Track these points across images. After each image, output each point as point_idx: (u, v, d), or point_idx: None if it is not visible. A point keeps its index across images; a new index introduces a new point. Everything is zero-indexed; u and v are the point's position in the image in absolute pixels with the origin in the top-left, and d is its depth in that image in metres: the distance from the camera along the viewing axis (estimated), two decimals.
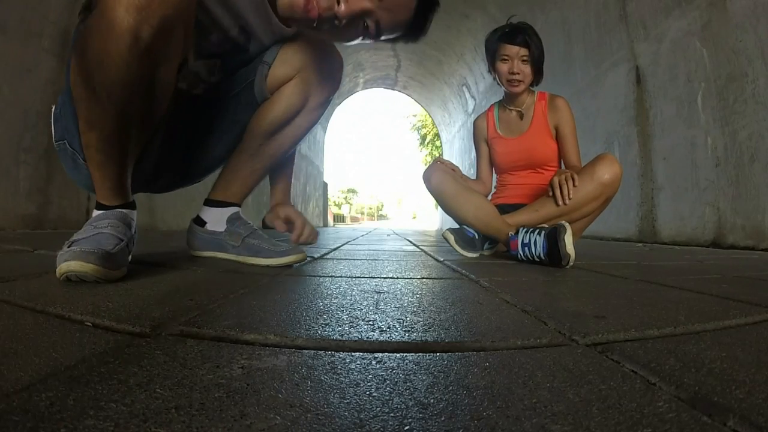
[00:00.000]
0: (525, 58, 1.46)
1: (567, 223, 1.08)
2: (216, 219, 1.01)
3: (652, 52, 2.78)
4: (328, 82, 0.98)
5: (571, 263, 1.05)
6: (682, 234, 2.51)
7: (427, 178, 1.44)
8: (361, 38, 0.83)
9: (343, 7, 0.74)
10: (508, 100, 1.61)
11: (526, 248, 1.15)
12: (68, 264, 0.59)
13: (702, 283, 0.83)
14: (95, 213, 0.73)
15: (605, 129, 3.30)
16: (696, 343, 0.40)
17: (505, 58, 1.47)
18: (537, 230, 1.14)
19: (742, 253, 1.87)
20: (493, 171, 1.74)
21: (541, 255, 1.10)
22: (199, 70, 0.90)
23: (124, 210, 0.73)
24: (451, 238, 1.34)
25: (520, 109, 1.59)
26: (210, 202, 1.03)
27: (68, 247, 0.63)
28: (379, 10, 0.77)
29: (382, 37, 0.85)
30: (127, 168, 0.72)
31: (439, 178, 1.40)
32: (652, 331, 0.44)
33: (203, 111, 0.98)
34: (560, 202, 1.28)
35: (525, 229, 1.18)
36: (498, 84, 1.58)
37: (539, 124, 1.57)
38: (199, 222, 1.03)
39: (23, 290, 0.56)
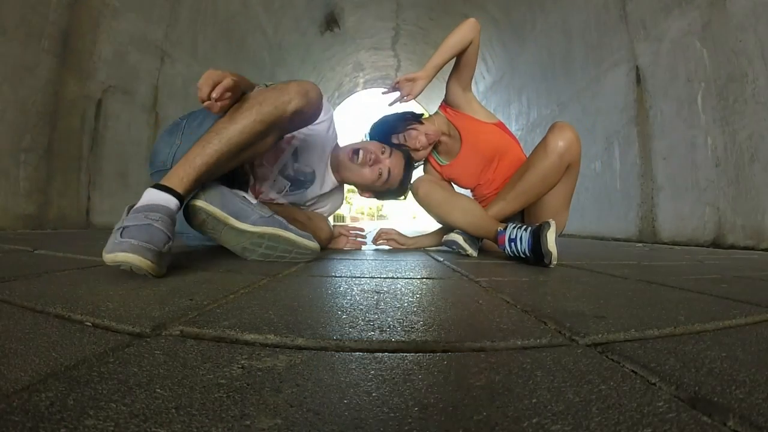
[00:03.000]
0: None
1: (553, 221, 1.08)
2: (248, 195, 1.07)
3: (652, 52, 2.78)
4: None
5: (554, 261, 1.04)
6: (682, 234, 2.50)
7: (415, 190, 1.45)
8: (377, 179, 1.40)
9: (386, 169, 1.41)
10: (438, 144, 1.63)
11: (513, 244, 1.15)
12: (126, 255, 0.64)
13: (702, 283, 0.83)
14: (150, 194, 0.76)
15: (605, 129, 3.30)
16: (696, 343, 0.40)
17: (409, 147, 1.55)
18: (523, 226, 1.15)
19: (742, 253, 1.87)
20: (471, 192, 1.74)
21: (526, 251, 1.11)
22: (277, 182, 1.34)
23: (173, 208, 0.78)
24: (460, 238, 1.35)
25: (446, 136, 1.61)
26: None
27: (120, 235, 0.66)
28: (388, 162, 1.42)
29: (388, 184, 1.44)
30: (211, 172, 0.88)
31: (426, 188, 1.42)
32: (652, 331, 0.44)
33: None
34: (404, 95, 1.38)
35: (513, 225, 1.19)
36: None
37: (463, 125, 1.57)
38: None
39: (23, 290, 0.56)
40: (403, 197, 1.58)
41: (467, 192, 1.73)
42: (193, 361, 0.33)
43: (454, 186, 1.71)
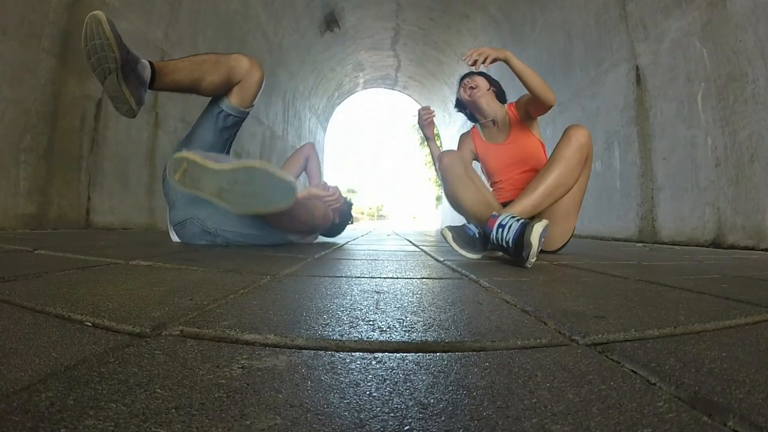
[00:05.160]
0: (475, 75, 1.77)
1: (546, 221, 1.08)
2: None
3: (652, 52, 2.78)
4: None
5: (532, 258, 1.02)
6: (682, 234, 2.51)
7: (441, 157, 1.53)
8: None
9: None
10: (482, 114, 1.77)
11: (501, 230, 1.13)
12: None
13: (702, 283, 0.83)
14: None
15: (605, 129, 3.30)
16: (696, 343, 0.40)
17: (461, 84, 1.80)
18: (517, 217, 1.15)
19: (742, 253, 1.87)
20: (488, 179, 1.84)
21: (510, 241, 1.09)
22: None
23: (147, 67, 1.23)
24: (449, 235, 1.32)
25: (493, 118, 1.75)
26: None
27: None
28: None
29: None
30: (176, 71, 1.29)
31: (450, 159, 1.48)
32: (652, 331, 0.44)
33: None
34: (471, 58, 1.39)
35: (509, 214, 1.18)
36: (467, 117, 1.87)
37: (517, 126, 1.72)
38: None
39: (23, 290, 0.56)
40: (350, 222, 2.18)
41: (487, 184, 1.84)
42: (193, 361, 0.33)
43: (478, 169, 1.84)
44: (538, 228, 1.02)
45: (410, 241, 2.51)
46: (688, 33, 2.45)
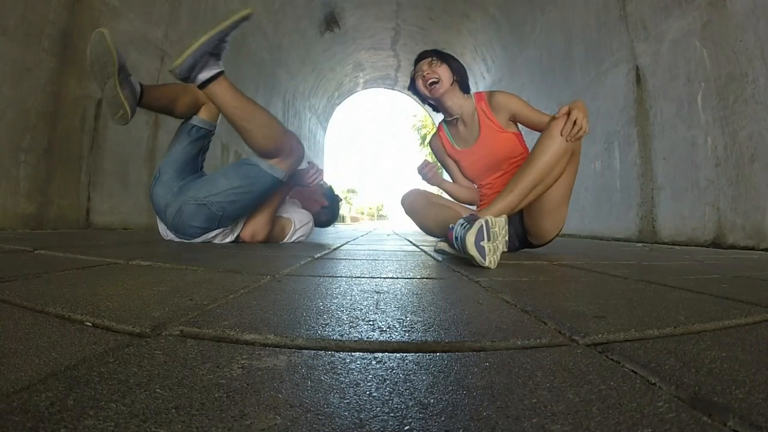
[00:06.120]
0: (435, 62, 1.56)
1: (481, 222, 1.02)
2: None
3: (652, 52, 2.78)
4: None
5: (482, 263, 0.99)
6: (682, 234, 2.51)
7: (403, 199, 1.63)
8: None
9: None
10: (447, 113, 1.64)
11: (457, 242, 1.08)
12: None
13: (702, 283, 0.83)
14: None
15: (605, 129, 3.30)
16: (696, 343, 0.40)
17: (419, 73, 1.57)
18: (466, 225, 1.06)
19: (742, 253, 1.87)
20: (472, 182, 1.77)
21: (463, 253, 1.04)
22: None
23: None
24: (447, 246, 1.32)
25: (459, 116, 1.61)
26: None
27: None
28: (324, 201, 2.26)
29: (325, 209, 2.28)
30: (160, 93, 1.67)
31: (411, 198, 1.60)
32: (652, 331, 0.44)
33: None
34: (569, 136, 1.22)
35: (461, 222, 1.10)
36: (429, 108, 1.75)
37: (487, 125, 1.59)
38: None
39: (23, 290, 0.56)
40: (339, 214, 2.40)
41: (466, 190, 1.78)
42: (193, 361, 0.33)
43: (454, 168, 1.78)
44: (470, 238, 0.99)
45: (410, 241, 2.51)
46: (688, 33, 2.45)
